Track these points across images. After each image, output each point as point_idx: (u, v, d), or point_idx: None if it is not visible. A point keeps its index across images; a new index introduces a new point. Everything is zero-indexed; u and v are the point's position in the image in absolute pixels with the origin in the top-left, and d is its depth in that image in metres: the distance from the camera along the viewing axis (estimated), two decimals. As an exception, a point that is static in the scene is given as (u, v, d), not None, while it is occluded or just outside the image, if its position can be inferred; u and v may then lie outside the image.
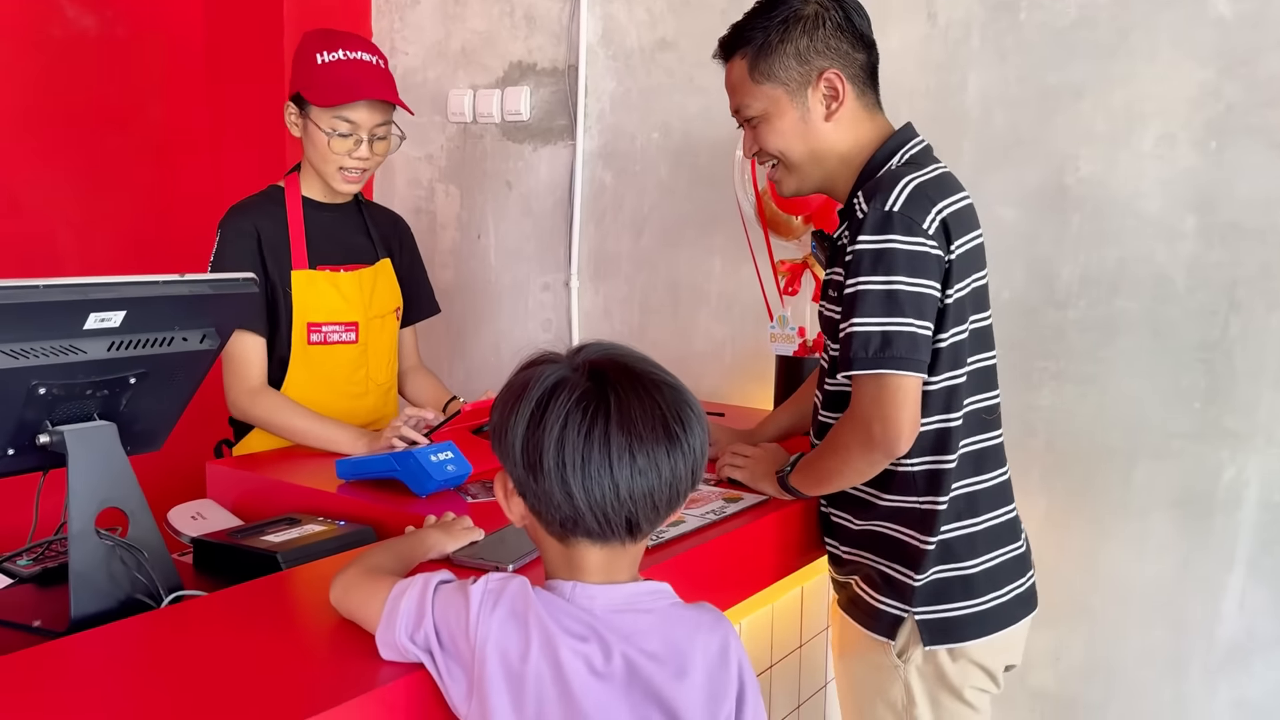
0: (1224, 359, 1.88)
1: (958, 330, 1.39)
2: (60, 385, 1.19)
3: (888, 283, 1.31)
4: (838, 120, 1.45)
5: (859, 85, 1.46)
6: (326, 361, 1.93)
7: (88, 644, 1.06)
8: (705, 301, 2.47)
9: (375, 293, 2.00)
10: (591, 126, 2.61)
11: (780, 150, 1.47)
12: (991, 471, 1.47)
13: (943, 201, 1.36)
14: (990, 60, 2.06)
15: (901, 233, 1.31)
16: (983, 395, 1.46)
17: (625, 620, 0.96)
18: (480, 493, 1.56)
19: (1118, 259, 1.96)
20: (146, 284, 1.22)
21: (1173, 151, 1.90)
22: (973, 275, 1.41)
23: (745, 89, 1.47)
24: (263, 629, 1.13)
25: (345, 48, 1.86)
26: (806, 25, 1.43)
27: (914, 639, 1.44)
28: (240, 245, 1.86)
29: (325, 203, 1.98)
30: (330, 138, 1.85)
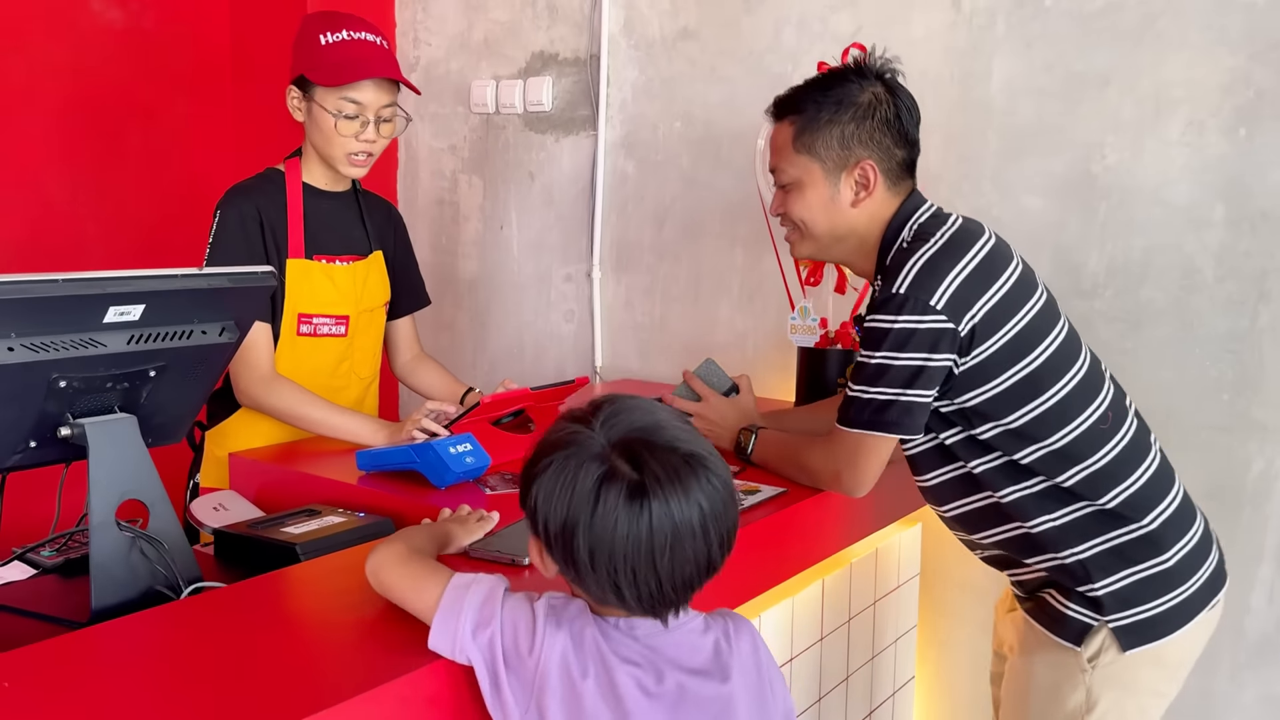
0: (1253, 350, 1.85)
1: (1018, 369, 1.41)
2: (80, 378, 1.20)
3: (886, 358, 1.41)
4: (863, 206, 1.51)
5: (891, 178, 1.51)
6: (313, 353, 1.92)
7: (108, 635, 1.07)
8: (727, 292, 2.46)
9: (367, 286, 1.98)
10: (614, 116, 2.60)
11: (803, 220, 1.54)
12: (1138, 469, 1.44)
13: (953, 270, 1.41)
14: (1016, 47, 2.03)
15: (907, 312, 1.39)
16: (1084, 414, 1.43)
17: (669, 642, 0.99)
18: (499, 485, 1.56)
19: (1145, 248, 1.93)
20: (165, 277, 1.23)
21: (1201, 139, 1.87)
22: (1014, 318, 1.42)
23: (785, 154, 1.53)
24: (281, 621, 1.14)
25: (349, 28, 1.84)
26: (856, 113, 1.48)
27: (1106, 645, 1.41)
28: (245, 228, 1.84)
29: (325, 190, 1.96)
30: (337, 119, 1.83)
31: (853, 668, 1.91)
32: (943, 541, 2.15)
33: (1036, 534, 1.44)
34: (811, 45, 2.26)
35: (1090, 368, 1.47)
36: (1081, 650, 1.41)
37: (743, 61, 2.38)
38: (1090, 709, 1.42)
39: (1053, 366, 1.43)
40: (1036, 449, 1.42)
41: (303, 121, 1.91)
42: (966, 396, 1.42)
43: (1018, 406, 1.41)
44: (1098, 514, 1.42)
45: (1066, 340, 1.46)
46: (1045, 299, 1.48)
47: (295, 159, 1.96)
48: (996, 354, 1.41)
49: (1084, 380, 1.45)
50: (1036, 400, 1.41)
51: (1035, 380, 1.42)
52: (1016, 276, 1.45)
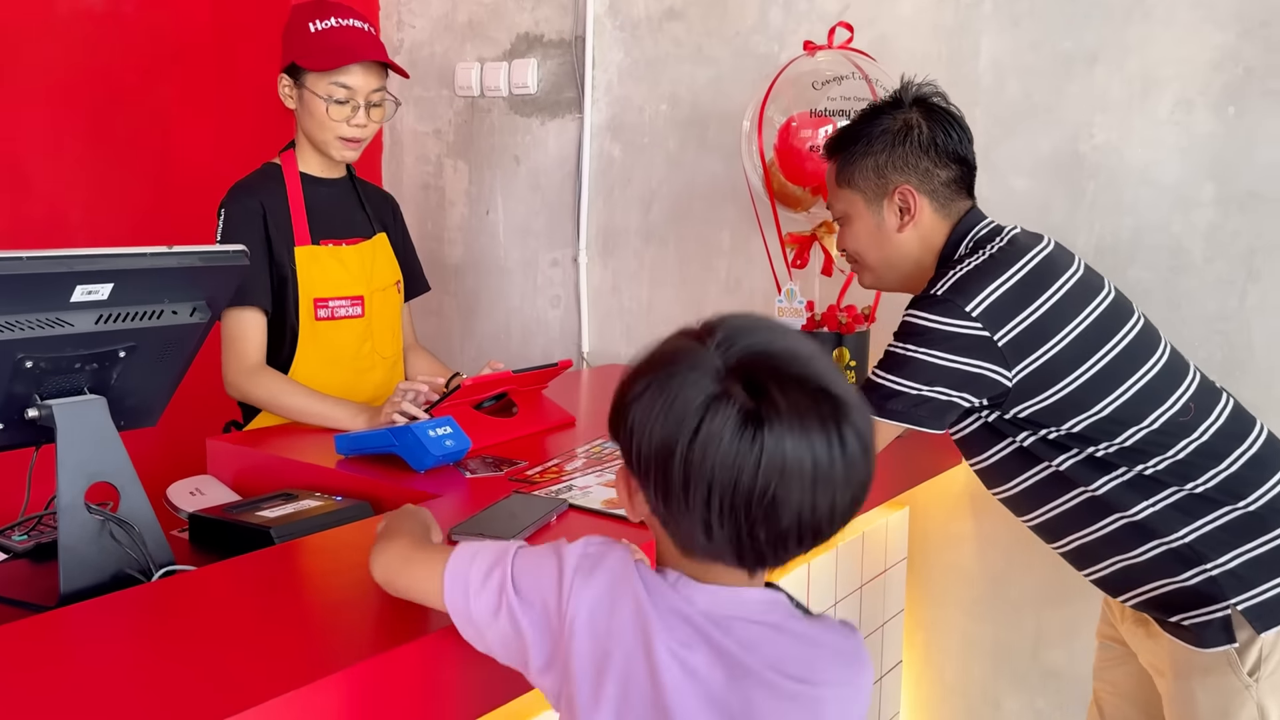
0: (1241, 330, 1.84)
1: (1072, 380, 1.40)
2: (48, 359, 1.17)
3: (911, 351, 1.42)
4: (911, 231, 1.52)
5: (939, 200, 1.52)
6: (334, 337, 1.92)
7: (76, 617, 1.05)
8: (714, 276, 2.44)
9: (376, 265, 1.99)
10: (599, 99, 2.58)
11: (856, 252, 1.58)
12: (1233, 454, 1.41)
13: (995, 281, 1.40)
14: (1003, 25, 2.01)
15: (940, 314, 1.40)
16: (1166, 405, 1.41)
17: (737, 627, 0.85)
18: (480, 468, 1.54)
19: (1133, 228, 1.91)
20: (134, 256, 1.21)
21: (1190, 117, 1.85)
22: (1070, 324, 1.41)
23: (831, 190, 1.58)
24: (253, 602, 1.12)
25: (337, 15, 1.86)
26: (890, 140, 1.50)
27: (1265, 653, 1.36)
28: (248, 223, 1.85)
29: (322, 178, 1.98)
30: (328, 104, 1.85)
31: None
32: (930, 525, 2.14)
33: (1139, 521, 1.42)
34: (798, 25, 2.24)
35: (1168, 362, 1.45)
36: (1240, 665, 1.37)
37: (729, 42, 2.36)
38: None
39: (1121, 365, 1.41)
40: (1112, 444, 1.41)
41: (294, 109, 1.92)
42: (1031, 403, 1.42)
43: (1089, 406, 1.40)
44: (1190, 498, 1.40)
45: (1139, 337, 1.45)
46: (1110, 300, 1.46)
47: (290, 151, 1.98)
48: (1055, 359, 1.40)
49: (1160, 374, 1.43)
50: (1109, 398, 1.40)
51: (1104, 379, 1.40)
52: (1073, 283, 1.44)
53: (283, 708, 0.86)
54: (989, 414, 1.46)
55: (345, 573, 1.22)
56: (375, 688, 0.95)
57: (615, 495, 1.38)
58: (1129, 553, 1.45)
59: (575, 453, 1.63)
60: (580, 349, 2.67)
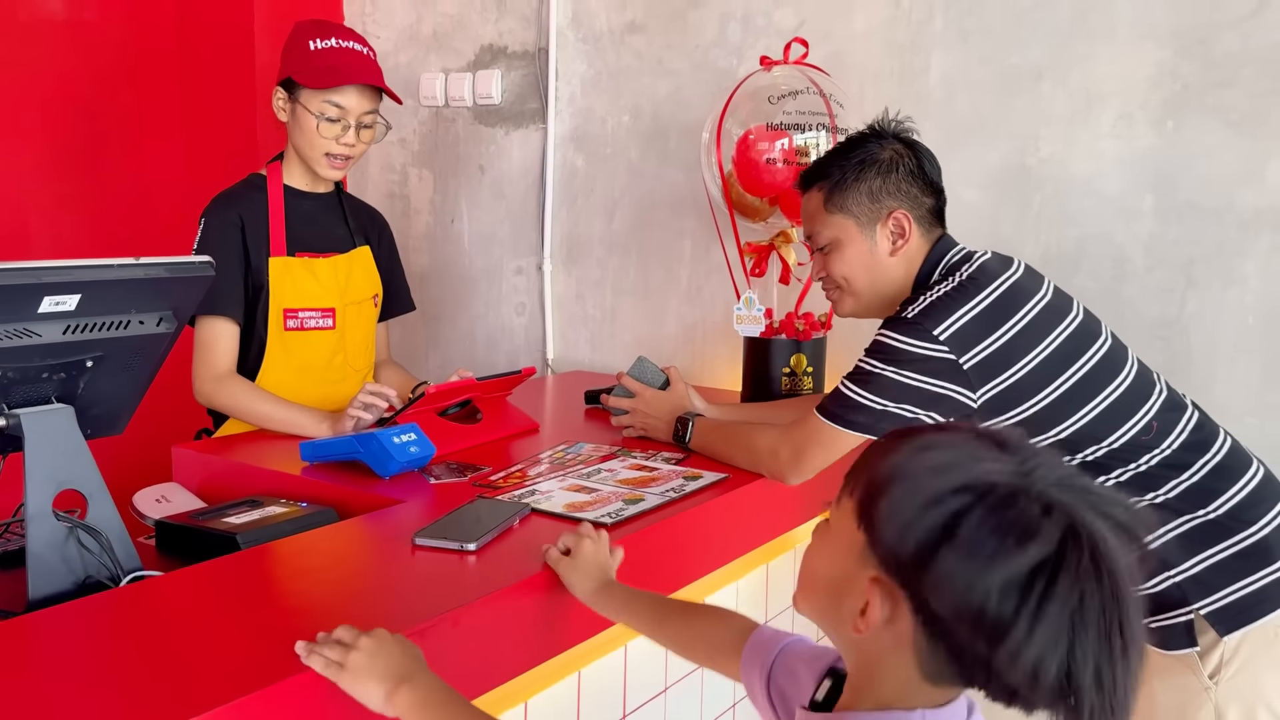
0: (1181, 335, 1.91)
1: (1041, 399, 1.46)
2: (15, 368, 1.19)
3: (879, 368, 1.49)
4: (900, 255, 1.59)
5: (924, 225, 1.60)
6: (304, 348, 1.95)
7: (45, 621, 1.07)
8: (676, 284, 2.49)
9: (351, 278, 2.01)
10: (563, 110, 2.62)
11: (845, 277, 1.61)
12: (1194, 465, 1.45)
13: (963, 308, 1.47)
14: (952, 42, 2.07)
15: (910, 336, 1.47)
16: (1127, 425, 1.46)
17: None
18: (444, 474, 1.57)
19: (1078, 238, 1.98)
20: (101, 267, 1.23)
21: (1131, 131, 1.92)
22: (1037, 347, 1.46)
23: (819, 218, 1.61)
24: (219, 607, 1.14)
25: (337, 36, 1.90)
26: (881, 168, 1.58)
27: (1225, 657, 1.39)
28: (224, 234, 1.87)
29: (307, 191, 2.00)
30: (319, 121, 1.88)
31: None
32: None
33: None
34: (756, 40, 2.29)
35: (1135, 381, 1.50)
36: (1201, 667, 1.40)
37: (689, 55, 2.41)
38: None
39: (1087, 386, 1.46)
40: (1073, 459, 1.45)
41: (286, 122, 1.95)
42: (997, 420, 1.48)
43: (1054, 425, 1.46)
44: (1152, 509, 1.42)
45: (1106, 357, 1.49)
46: (1078, 323, 1.51)
47: (277, 163, 2.00)
48: (1020, 382, 1.45)
49: (1125, 393, 1.47)
50: (1073, 418, 1.46)
51: (1069, 401, 1.46)
52: (1041, 307, 1.49)
53: (250, 707, 0.89)
54: None
55: (309, 576, 1.25)
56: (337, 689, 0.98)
57: (576, 500, 1.42)
58: None
59: (539, 458, 1.67)
60: (545, 356, 2.70)
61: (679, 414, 1.77)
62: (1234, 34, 1.82)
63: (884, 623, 0.77)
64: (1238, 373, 1.87)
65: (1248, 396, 1.87)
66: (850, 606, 0.79)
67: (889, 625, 0.77)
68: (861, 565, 0.78)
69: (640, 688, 1.51)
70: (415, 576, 1.19)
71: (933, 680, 0.77)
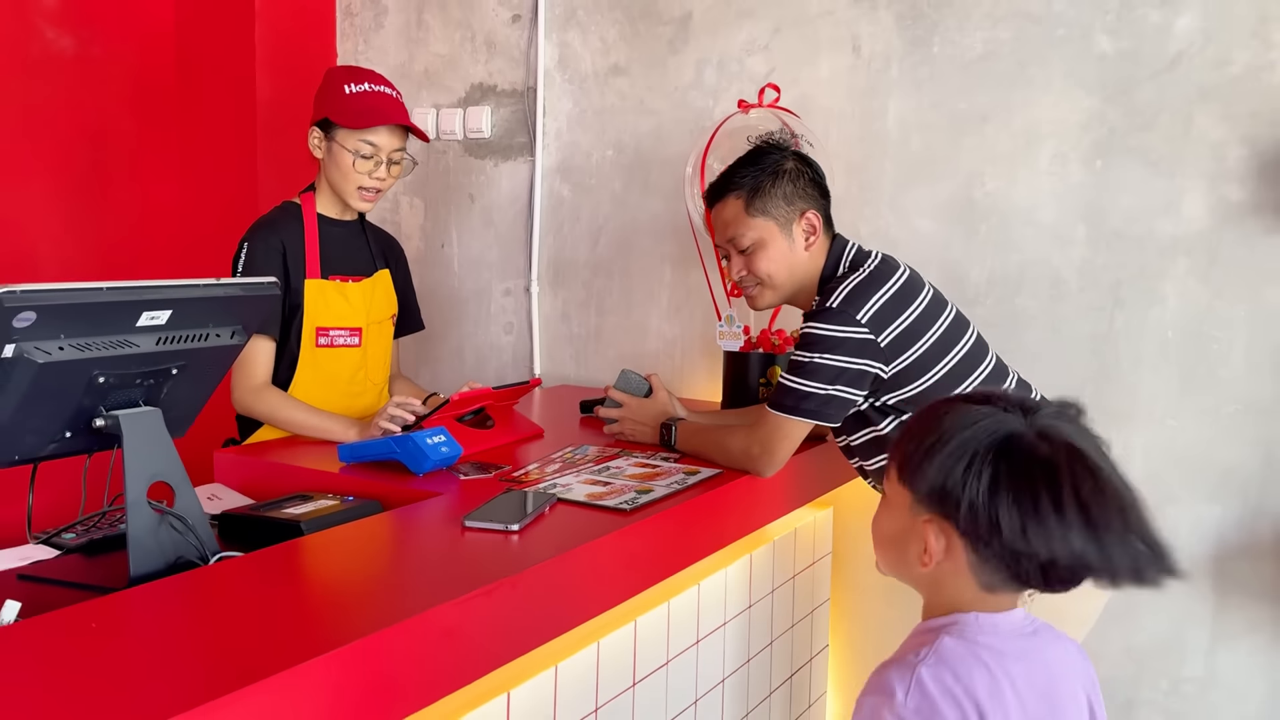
0: (1110, 349, 2.17)
1: (931, 376, 1.74)
2: (116, 375, 1.36)
3: (816, 358, 1.72)
4: (813, 250, 1.84)
5: (826, 224, 1.86)
6: (332, 363, 2.13)
7: (151, 593, 1.24)
8: (657, 304, 2.70)
9: (375, 300, 2.20)
10: (550, 144, 2.83)
11: (769, 273, 1.84)
12: None
13: (877, 293, 1.73)
14: (907, 89, 2.33)
15: (835, 323, 1.71)
16: None
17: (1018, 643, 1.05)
18: (470, 471, 1.76)
19: (1019, 263, 2.24)
20: (189, 286, 1.40)
21: (1065, 169, 2.19)
22: (927, 332, 1.75)
23: (741, 221, 1.83)
24: (295, 581, 1.32)
25: (370, 81, 2.09)
26: (790, 175, 1.83)
27: None
28: (269, 259, 2.05)
29: (337, 219, 2.18)
30: (355, 158, 2.06)
31: (776, 634, 2.16)
32: (853, 522, 2.42)
33: None
34: (730, 84, 2.53)
35: (994, 368, 1.82)
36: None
37: (669, 96, 2.63)
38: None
39: (962, 366, 1.77)
40: None
41: (320, 159, 2.13)
42: (899, 393, 1.75)
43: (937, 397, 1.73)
44: None
45: (973, 348, 1.80)
46: (953, 317, 1.81)
47: (310, 193, 2.17)
48: (917, 360, 1.74)
49: (987, 378, 1.79)
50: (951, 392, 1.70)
51: (948, 379, 1.75)
52: (928, 300, 1.79)
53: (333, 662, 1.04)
54: (862, 403, 1.77)
55: (374, 554, 1.43)
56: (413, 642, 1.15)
57: (595, 490, 1.62)
58: None
59: (552, 458, 1.86)
60: (532, 372, 2.89)
61: (663, 420, 1.98)
62: (1152, 85, 2.10)
63: (943, 554, 1.02)
64: (1160, 381, 2.14)
65: (1169, 402, 2.13)
66: (914, 551, 1.05)
67: (948, 556, 1.02)
68: (914, 516, 1.04)
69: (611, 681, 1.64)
70: (470, 552, 1.38)
71: (990, 589, 1.02)
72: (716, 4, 2.54)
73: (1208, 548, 2.13)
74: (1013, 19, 2.21)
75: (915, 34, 2.31)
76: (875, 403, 1.78)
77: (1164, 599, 2.16)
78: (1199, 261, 2.09)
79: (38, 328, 1.25)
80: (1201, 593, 2.14)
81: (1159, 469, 2.15)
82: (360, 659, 1.09)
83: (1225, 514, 2.11)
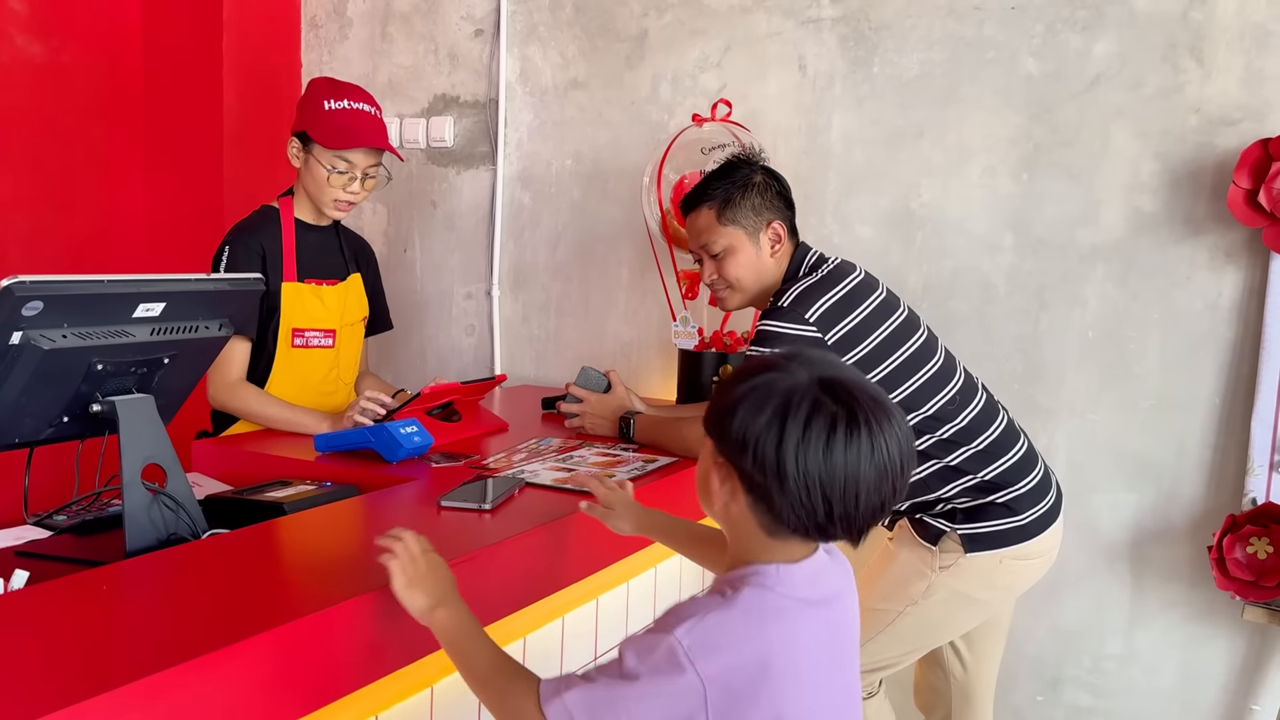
0: (1036, 349, 2.33)
1: (878, 372, 1.87)
2: (112, 363, 1.45)
3: (764, 353, 1.79)
4: (778, 256, 1.98)
5: (790, 234, 2.00)
6: (306, 363, 2.21)
7: (149, 564, 1.33)
8: (614, 306, 2.83)
9: (348, 304, 2.29)
10: (511, 153, 2.94)
11: (737, 278, 1.98)
12: (979, 437, 1.89)
13: (825, 295, 1.86)
14: (849, 105, 2.48)
15: (785, 320, 1.84)
16: (934, 399, 1.88)
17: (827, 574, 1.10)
18: (442, 460, 1.87)
19: (952, 269, 2.40)
20: (182, 280, 1.50)
21: (994, 181, 2.36)
22: (875, 331, 1.88)
23: (713, 230, 1.97)
24: (281, 554, 1.42)
25: (350, 98, 2.15)
26: (759, 188, 1.97)
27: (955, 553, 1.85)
28: (249, 262, 2.12)
29: (312, 224, 2.26)
30: (330, 174, 2.14)
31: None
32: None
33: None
34: (684, 99, 2.66)
35: (942, 365, 1.94)
36: (937, 555, 1.86)
37: (626, 110, 2.76)
38: (925, 597, 1.88)
39: (909, 366, 1.89)
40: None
41: (298, 168, 2.21)
42: None
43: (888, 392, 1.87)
44: (945, 469, 1.88)
45: (923, 346, 1.93)
46: (905, 317, 1.94)
47: (287, 198, 2.25)
48: (865, 357, 1.87)
49: (936, 375, 1.91)
50: (897, 389, 1.87)
51: (895, 376, 1.88)
52: (879, 301, 1.92)
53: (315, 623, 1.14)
54: None
55: (353, 532, 1.53)
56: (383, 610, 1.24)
57: (559, 476, 1.74)
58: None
59: (518, 448, 1.98)
60: (493, 373, 3.00)
61: (621, 413, 2.11)
62: (1073, 105, 2.27)
63: (730, 495, 1.07)
64: (1081, 378, 2.31)
65: (1089, 397, 2.30)
66: (712, 489, 1.09)
67: (734, 498, 1.06)
68: (713, 459, 1.09)
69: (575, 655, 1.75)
70: (446, 528, 1.49)
71: (772, 534, 1.06)
72: (671, 23, 2.68)
73: (1125, 533, 2.30)
74: (947, 42, 2.37)
75: (857, 54, 2.46)
76: None
77: (1086, 582, 2.33)
78: (1116, 267, 2.26)
79: (43, 316, 1.34)
80: (1120, 576, 2.31)
81: (1081, 460, 2.31)
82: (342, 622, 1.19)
83: (1141, 501, 2.28)
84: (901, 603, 1.91)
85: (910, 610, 1.91)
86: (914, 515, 1.92)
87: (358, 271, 2.36)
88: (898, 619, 1.91)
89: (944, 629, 2.00)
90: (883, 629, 1.91)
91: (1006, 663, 2.39)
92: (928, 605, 1.90)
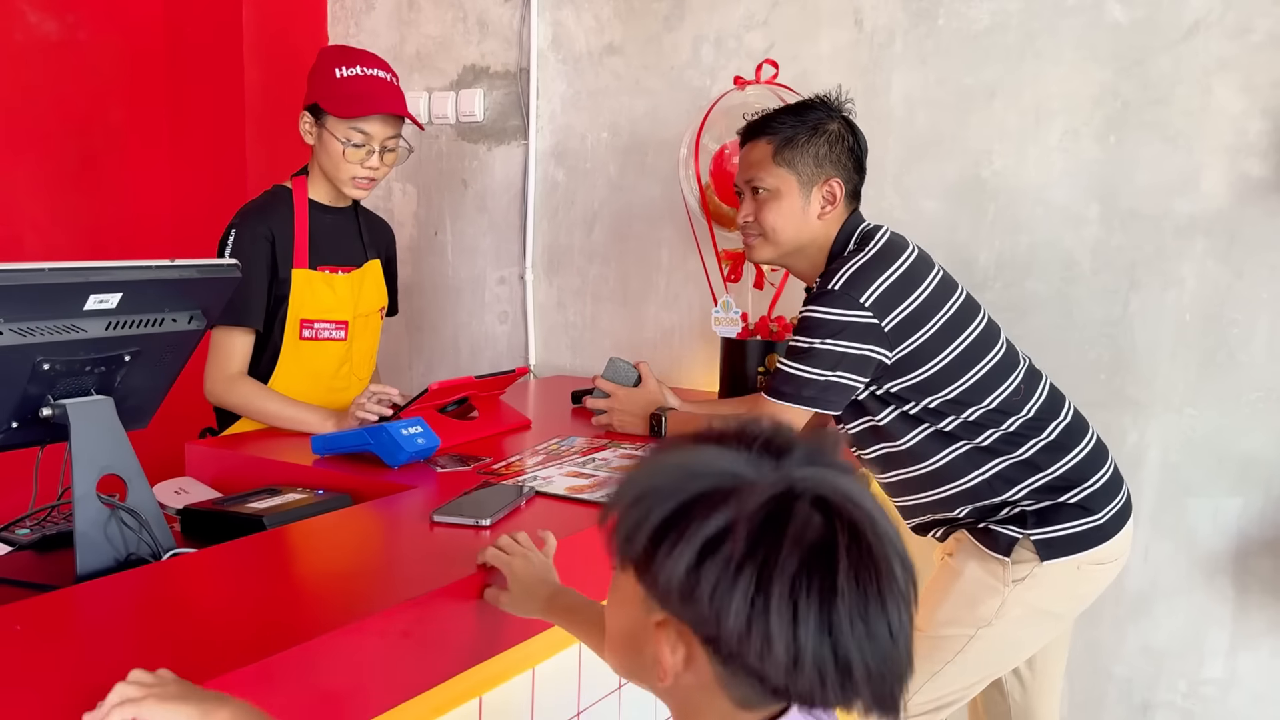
0: (1126, 334, 2.07)
1: (937, 362, 1.65)
2: (62, 362, 1.28)
3: (816, 343, 1.63)
4: (826, 220, 1.74)
5: (848, 198, 1.76)
6: (316, 357, 2.04)
7: (96, 591, 1.17)
8: (654, 291, 2.62)
9: (363, 292, 2.10)
10: (544, 127, 2.74)
11: (774, 226, 1.74)
12: (1049, 428, 1.69)
13: (882, 275, 1.64)
14: (912, 64, 2.23)
15: (837, 306, 1.63)
16: (999, 389, 1.67)
17: None
18: (448, 464, 1.68)
19: (1029, 244, 2.14)
20: (140, 268, 1.33)
21: (1077, 145, 2.09)
22: (935, 316, 1.66)
23: (765, 166, 1.74)
24: (252, 577, 1.24)
25: (362, 64, 1.96)
26: (830, 137, 1.73)
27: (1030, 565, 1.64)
28: (256, 248, 1.94)
29: (329, 206, 2.07)
30: (345, 147, 1.95)
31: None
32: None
33: (970, 488, 1.68)
34: (728, 61, 2.43)
35: (1006, 350, 1.72)
36: (1010, 567, 1.64)
37: (664, 75, 2.54)
38: (999, 617, 1.66)
39: (971, 353, 1.67)
40: (957, 419, 1.67)
41: (312, 145, 2.02)
42: (902, 380, 1.66)
43: (944, 386, 1.66)
44: (1014, 466, 1.66)
45: (985, 330, 1.71)
46: (964, 299, 1.72)
47: (301, 177, 2.07)
48: (923, 345, 1.64)
49: (1001, 361, 1.69)
50: (959, 381, 1.65)
51: (957, 365, 1.65)
52: (936, 282, 1.69)
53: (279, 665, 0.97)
54: (862, 391, 1.68)
55: (334, 551, 1.35)
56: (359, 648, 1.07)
57: (576, 484, 1.54)
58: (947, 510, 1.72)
59: (536, 449, 1.78)
60: (527, 361, 2.81)
61: (652, 409, 1.90)
62: (1167, 56, 1.99)
63: (682, 666, 0.73)
64: (1177, 367, 2.04)
65: (1186, 389, 2.03)
66: (650, 656, 0.75)
67: (688, 667, 0.73)
68: (646, 613, 0.75)
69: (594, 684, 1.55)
70: (436, 548, 1.30)
71: (746, 706, 0.74)
72: (714, -21, 2.45)
73: (1228, 543, 2.03)
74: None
75: (920, 6, 2.21)
76: (876, 390, 1.69)
77: (1182, 597, 2.07)
78: (1218, 241, 1.98)
79: (-27, 311, 1.18)
80: (1222, 590, 2.04)
81: (1177, 460, 2.05)
82: (313, 662, 1.01)
83: (1247, 507, 2.01)
84: (971, 626, 1.68)
85: (982, 634, 1.67)
86: (977, 524, 1.69)
87: (377, 257, 2.17)
88: (968, 645, 1.68)
89: (1018, 651, 1.76)
90: (950, 659, 1.68)
91: (1091, 685, 2.15)
92: (1002, 625, 1.67)
